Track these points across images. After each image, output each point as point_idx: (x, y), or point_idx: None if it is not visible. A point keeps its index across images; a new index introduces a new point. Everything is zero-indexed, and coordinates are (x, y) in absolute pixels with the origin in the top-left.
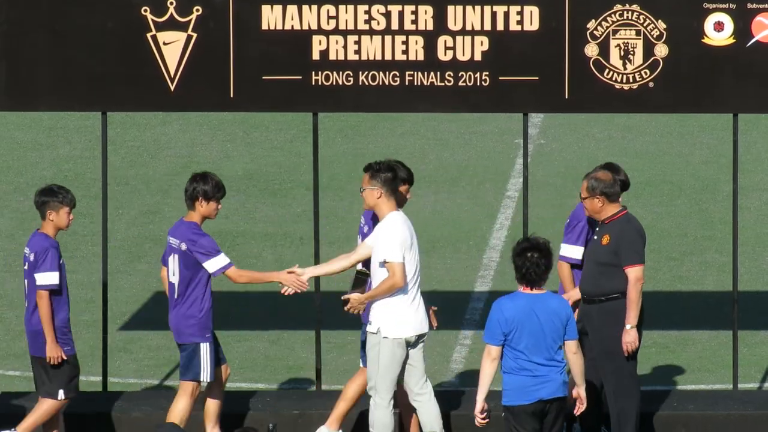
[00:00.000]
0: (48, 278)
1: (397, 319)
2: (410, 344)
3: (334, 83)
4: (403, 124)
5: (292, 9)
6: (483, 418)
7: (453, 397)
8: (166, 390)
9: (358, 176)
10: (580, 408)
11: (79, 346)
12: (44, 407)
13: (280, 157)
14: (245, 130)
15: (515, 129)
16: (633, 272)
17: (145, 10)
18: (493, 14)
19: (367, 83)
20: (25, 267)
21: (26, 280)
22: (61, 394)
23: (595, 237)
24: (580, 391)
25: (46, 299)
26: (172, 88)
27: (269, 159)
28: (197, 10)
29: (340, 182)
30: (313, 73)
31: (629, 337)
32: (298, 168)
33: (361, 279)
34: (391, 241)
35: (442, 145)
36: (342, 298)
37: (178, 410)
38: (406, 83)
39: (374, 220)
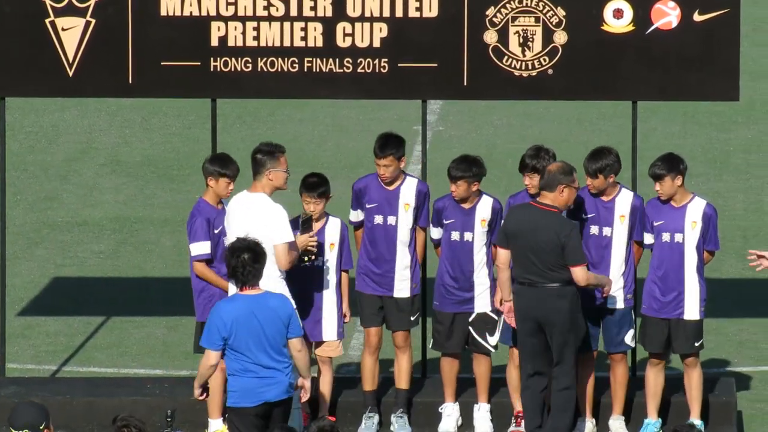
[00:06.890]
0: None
1: None
2: None
3: (232, 69)
4: (302, 110)
5: None
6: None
7: (350, 383)
8: (65, 377)
9: None
10: (304, 397)
11: None
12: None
13: (178, 144)
14: (143, 116)
15: (414, 116)
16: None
17: None
18: (392, 1)
19: (266, 69)
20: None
21: None
22: None
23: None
24: (305, 383)
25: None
26: (71, 73)
27: (168, 145)
28: None
29: (239, 168)
30: (212, 59)
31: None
32: (197, 154)
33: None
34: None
35: (341, 131)
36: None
37: None
38: (305, 70)
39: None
